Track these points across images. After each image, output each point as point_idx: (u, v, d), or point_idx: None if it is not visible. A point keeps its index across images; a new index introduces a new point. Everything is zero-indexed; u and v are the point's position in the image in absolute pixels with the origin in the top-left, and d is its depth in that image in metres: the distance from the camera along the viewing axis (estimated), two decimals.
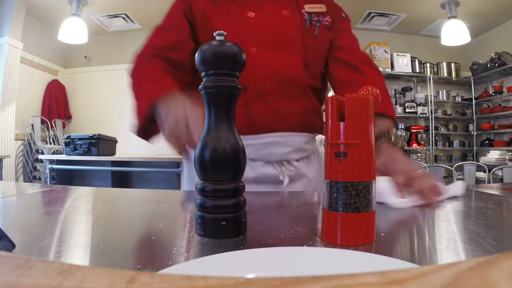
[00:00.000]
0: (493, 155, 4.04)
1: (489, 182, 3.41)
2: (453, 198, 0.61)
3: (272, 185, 0.80)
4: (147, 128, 0.69)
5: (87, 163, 3.30)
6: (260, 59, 0.73)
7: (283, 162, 0.80)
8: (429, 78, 4.42)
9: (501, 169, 3.36)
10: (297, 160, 0.82)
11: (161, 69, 0.72)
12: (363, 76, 0.79)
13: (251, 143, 0.75)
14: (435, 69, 4.51)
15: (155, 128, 0.70)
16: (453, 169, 3.62)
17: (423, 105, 4.41)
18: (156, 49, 0.76)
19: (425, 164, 3.98)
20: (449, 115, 4.66)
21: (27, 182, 4.19)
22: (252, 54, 0.73)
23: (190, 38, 0.78)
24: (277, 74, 0.75)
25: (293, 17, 0.78)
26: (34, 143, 4.24)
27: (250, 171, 0.77)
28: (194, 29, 0.79)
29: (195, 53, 0.40)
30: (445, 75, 4.51)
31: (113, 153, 3.60)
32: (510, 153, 3.86)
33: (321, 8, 0.82)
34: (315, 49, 0.80)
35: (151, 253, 0.34)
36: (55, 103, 4.69)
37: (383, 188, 0.56)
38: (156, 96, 0.64)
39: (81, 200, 0.62)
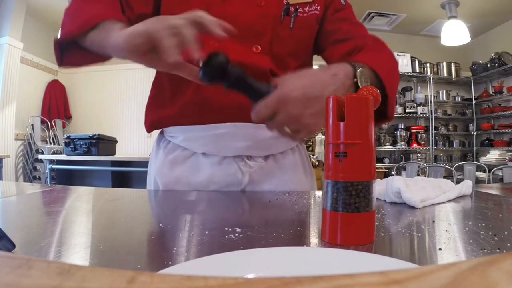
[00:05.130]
0: (493, 155, 4.04)
1: (489, 182, 3.41)
2: (455, 198, 0.61)
3: (232, 186, 0.72)
4: (67, 50, 0.61)
5: (87, 163, 3.30)
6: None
7: (243, 157, 0.72)
8: (429, 78, 4.42)
9: (501, 169, 3.36)
10: (265, 158, 0.74)
11: (119, 9, 0.65)
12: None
13: (203, 135, 0.70)
14: (435, 69, 4.52)
15: (76, 57, 0.62)
16: (453, 169, 3.62)
17: (423, 105, 4.41)
18: None
19: (425, 164, 3.98)
20: (449, 115, 4.66)
21: (27, 182, 4.19)
22: (212, 46, 0.65)
23: (152, 5, 0.70)
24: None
25: (269, 6, 0.69)
26: (34, 143, 4.25)
27: (203, 169, 0.72)
28: None
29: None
30: (445, 75, 4.52)
31: (113, 153, 3.60)
32: (510, 153, 3.87)
33: None
34: (290, 43, 0.72)
35: (151, 253, 0.34)
36: (55, 103, 4.70)
37: (400, 186, 0.55)
38: (107, 15, 0.55)
39: (81, 200, 0.62)
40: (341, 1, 0.78)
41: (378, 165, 4.15)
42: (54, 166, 3.50)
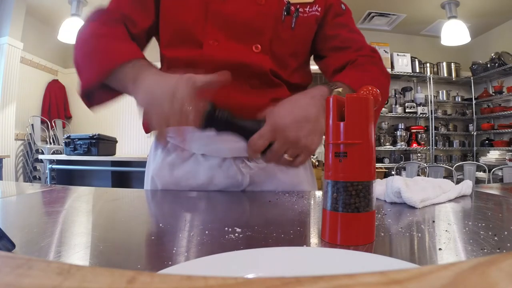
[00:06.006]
0: (493, 155, 4.04)
1: (489, 182, 3.41)
2: (455, 198, 0.61)
3: (232, 187, 0.72)
4: (94, 92, 0.63)
5: (87, 163, 3.30)
6: (220, 51, 0.66)
7: (243, 159, 0.72)
8: (429, 78, 4.42)
9: (501, 169, 3.36)
10: None
11: (127, 35, 0.65)
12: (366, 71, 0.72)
13: (203, 135, 0.68)
14: (435, 69, 4.52)
15: (104, 96, 0.64)
16: (453, 169, 3.62)
17: (423, 105, 4.41)
18: (121, 15, 0.67)
19: (425, 164, 3.98)
20: (449, 115, 4.66)
21: (27, 182, 4.19)
22: (211, 45, 0.66)
23: (154, 14, 0.71)
24: (239, 66, 0.67)
25: (269, 5, 0.69)
26: (34, 143, 4.24)
27: (203, 171, 0.72)
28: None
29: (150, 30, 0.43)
30: (445, 75, 4.52)
31: (113, 153, 3.60)
32: (510, 153, 3.87)
33: None
34: (291, 43, 0.72)
35: (151, 253, 0.34)
36: (55, 103, 4.69)
37: (400, 186, 0.55)
38: (124, 57, 0.58)
39: (81, 200, 0.62)
40: (341, 6, 0.78)
41: (378, 165, 4.15)
42: (54, 166, 3.50)
